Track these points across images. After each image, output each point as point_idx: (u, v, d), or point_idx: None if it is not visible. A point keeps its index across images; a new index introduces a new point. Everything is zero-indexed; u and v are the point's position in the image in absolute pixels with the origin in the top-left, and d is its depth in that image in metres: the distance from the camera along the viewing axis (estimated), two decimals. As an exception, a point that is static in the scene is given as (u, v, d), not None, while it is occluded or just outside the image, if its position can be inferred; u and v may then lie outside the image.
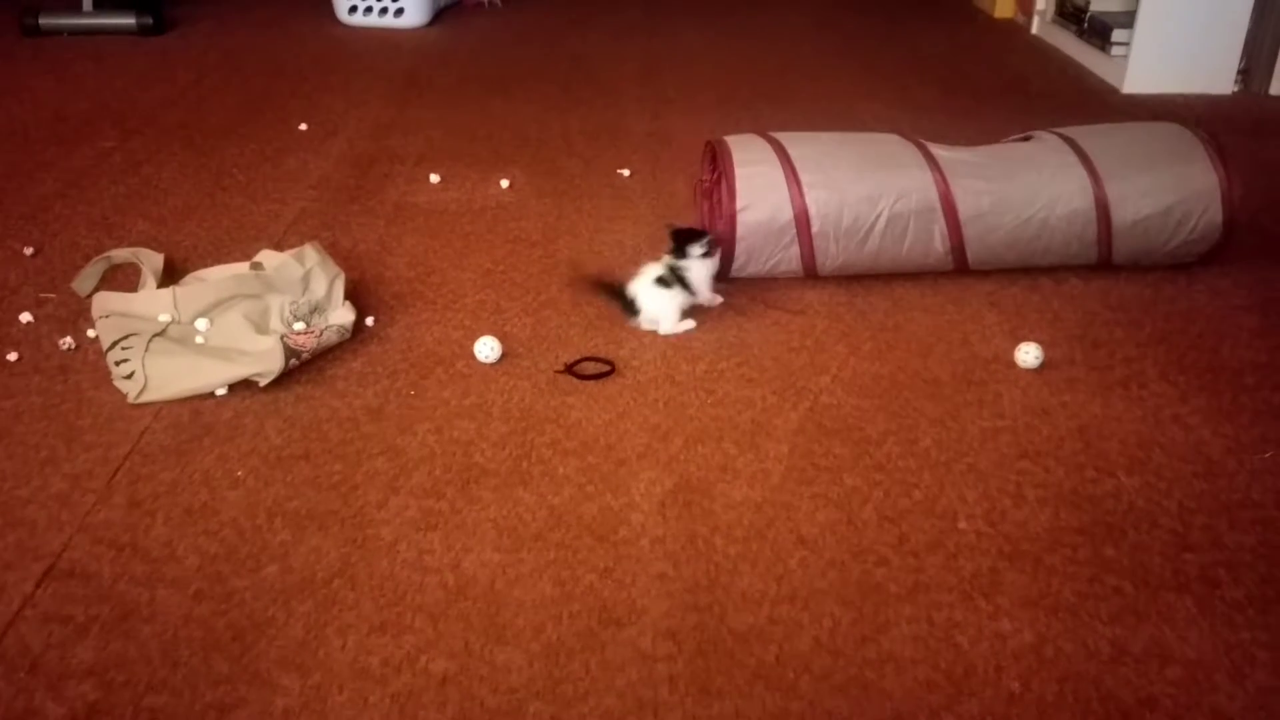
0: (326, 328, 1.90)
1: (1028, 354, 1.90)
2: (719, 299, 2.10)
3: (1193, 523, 1.52)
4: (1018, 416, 1.77)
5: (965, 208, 2.09)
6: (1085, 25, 3.82)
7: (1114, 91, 3.52)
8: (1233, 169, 2.14)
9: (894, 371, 1.90)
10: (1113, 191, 2.12)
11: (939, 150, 2.16)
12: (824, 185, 2.08)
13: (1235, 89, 3.53)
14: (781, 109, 3.31)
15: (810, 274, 2.16)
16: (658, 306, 2.01)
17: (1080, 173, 2.13)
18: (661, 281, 2.01)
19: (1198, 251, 2.20)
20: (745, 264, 2.13)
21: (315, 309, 1.95)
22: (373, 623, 1.35)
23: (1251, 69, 3.52)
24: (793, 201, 2.07)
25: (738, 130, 2.31)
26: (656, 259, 2.06)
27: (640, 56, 3.93)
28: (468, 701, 1.24)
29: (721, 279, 2.14)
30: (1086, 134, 2.25)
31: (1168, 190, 2.13)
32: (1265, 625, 1.34)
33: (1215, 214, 2.14)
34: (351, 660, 1.29)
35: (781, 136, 2.19)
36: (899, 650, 1.31)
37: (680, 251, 2.03)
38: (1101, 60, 3.69)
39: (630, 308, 2.03)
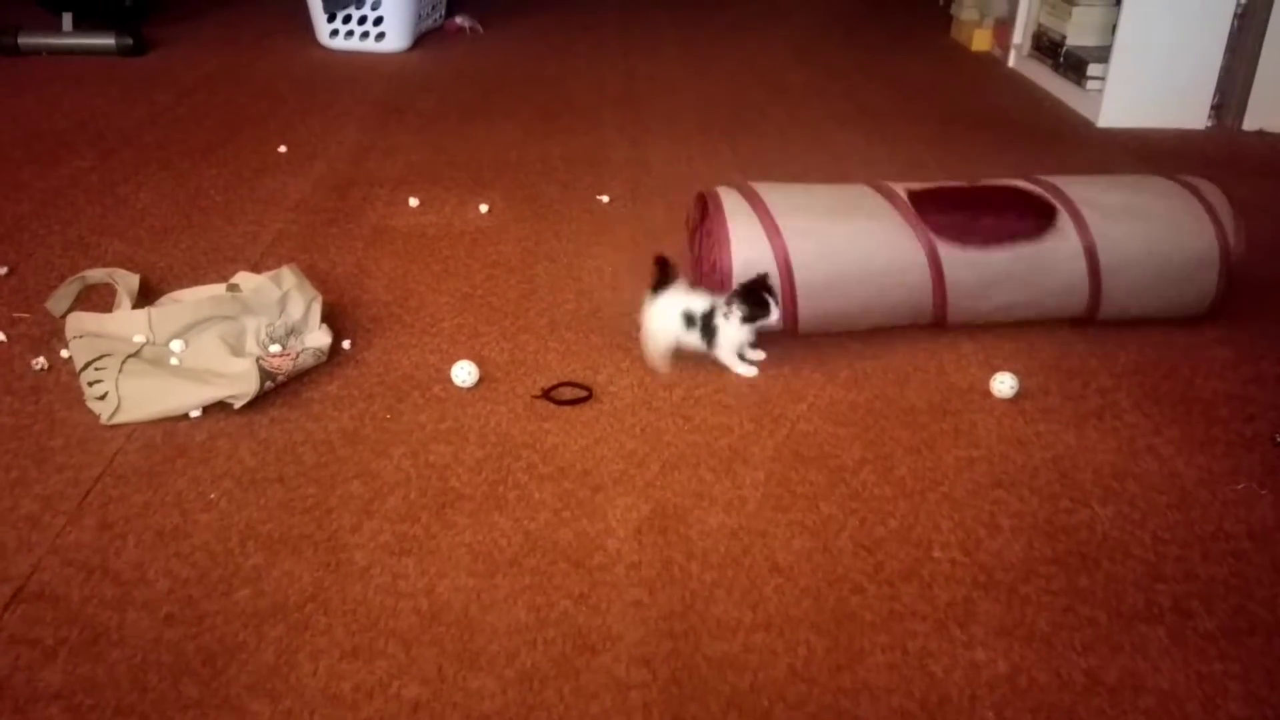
0: (303, 350, 1.89)
1: (1003, 384, 1.91)
2: (747, 370, 1.98)
3: (1166, 553, 1.53)
4: (993, 446, 1.78)
5: (959, 293, 2.03)
6: (1061, 59, 3.88)
7: (1089, 125, 3.57)
8: (1237, 230, 2.09)
9: (871, 400, 1.91)
10: (1106, 261, 2.04)
11: (952, 251, 2.01)
12: (819, 293, 2.00)
13: (1209, 123, 3.58)
14: (761, 138, 3.33)
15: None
16: (653, 330, 1.97)
17: (1079, 263, 2.04)
18: (687, 316, 1.94)
19: (1191, 314, 2.16)
20: None
21: (292, 331, 1.94)
22: (345, 648, 1.34)
23: (1225, 104, 3.58)
24: (784, 307, 1.96)
25: (715, 160, 2.32)
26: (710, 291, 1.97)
27: (621, 83, 3.95)
28: (440, 729, 1.23)
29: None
30: (1081, 193, 2.11)
31: (1168, 288, 2.08)
32: (1237, 657, 1.35)
33: (1210, 281, 2.09)
34: (323, 686, 1.28)
35: (769, 194, 2.06)
36: (873, 679, 1.31)
37: (741, 301, 1.90)
38: (1077, 94, 3.74)
39: (655, 290, 1.96)
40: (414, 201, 2.73)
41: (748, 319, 1.91)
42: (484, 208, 2.70)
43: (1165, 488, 1.67)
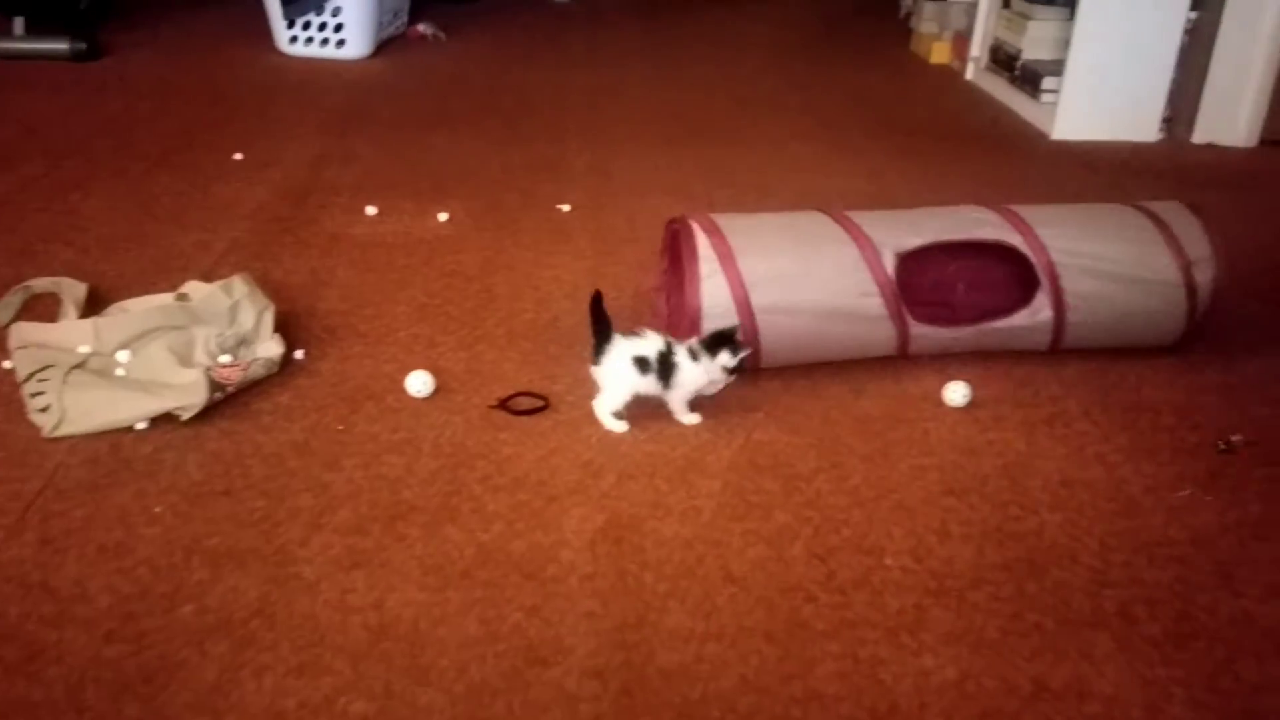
0: (253, 361, 1.87)
1: (956, 393, 1.93)
2: (692, 418, 1.86)
3: (1112, 560, 1.54)
4: (945, 454, 1.79)
5: (923, 339, 2.01)
6: (1017, 73, 3.92)
7: (1044, 137, 3.61)
8: (1207, 264, 2.04)
9: (827, 409, 1.92)
10: (1071, 303, 2.00)
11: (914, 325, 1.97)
12: (784, 352, 1.97)
13: (1160, 136, 3.64)
14: (722, 150, 3.34)
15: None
16: (611, 388, 1.84)
17: (1045, 322, 2.01)
18: (640, 361, 1.81)
19: (1155, 347, 2.13)
20: None
21: (242, 341, 1.92)
22: (290, 664, 1.32)
23: (1176, 117, 3.63)
24: (744, 317, 1.90)
25: (677, 171, 2.31)
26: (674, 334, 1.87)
27: (584, 92, 3.95)
28: (387, 744, 1.21)
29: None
30: (1045, 222, 2.05)
31: (1130, 339, 2.09)
32: (1181, 662, 1.36)
33: (1178, 320, 2.06)
34: (267, 703, 1.26)
35: (737, 247, 1.93)
36: (824, 687, 1.31)
37: (708, 349, 1.81)
38: (1032, 106, 3.78)
39: (598, 350, 1.84)
40: (372, 210, 2.71)
41: (737, 369, 1.82)
42: (443, 216, 2.69)
43: (1112, 494, 1.69)
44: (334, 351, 2.04)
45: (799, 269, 1.95)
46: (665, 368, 1.81)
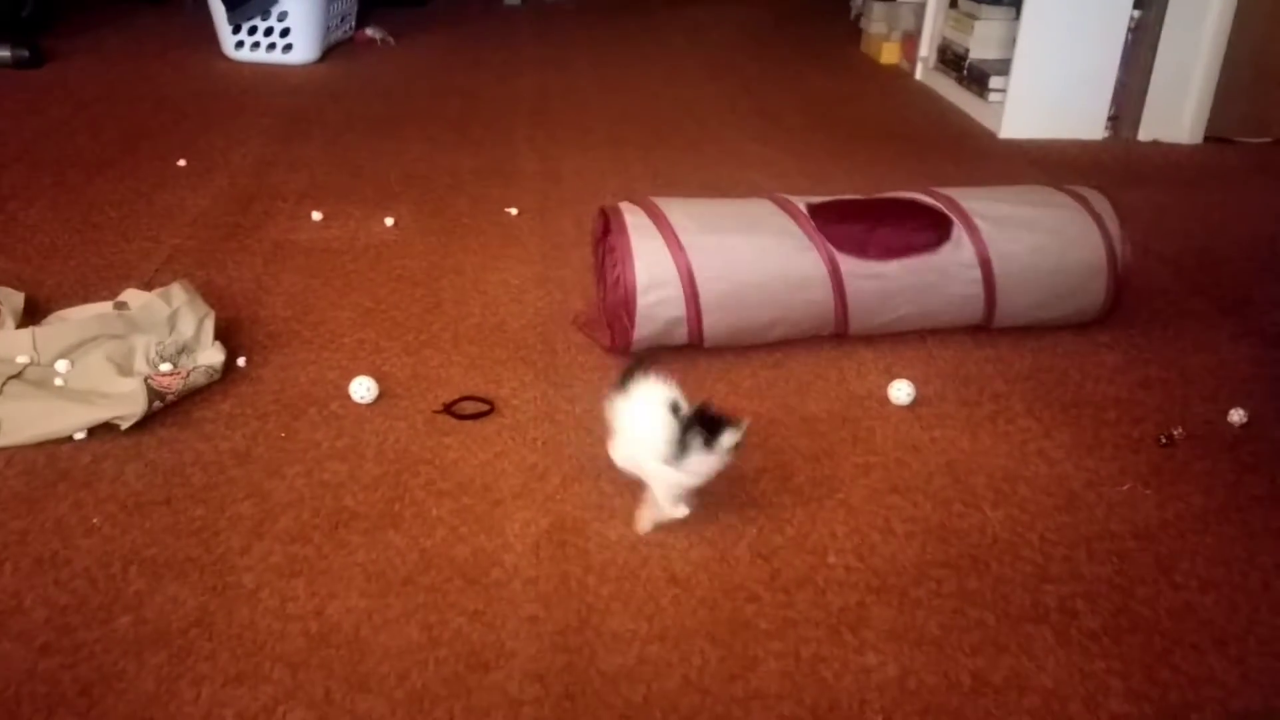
0: (194, 369, 1.84)
1: (900, 391, 1.94)
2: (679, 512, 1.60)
3: (1053, 554, 1.56)
4: (889, 452, 1.80)
5: (859, 310, 2.06)
6: (965, 72, 3.96)
7: (992, 136, 3.65)
8: (1120, 241, 2.14)
9: (772, 409, 1.92)
10: (1001, 274, 2.08)
11: (853, 266, 2.03)
12: (724, 307, 2.00)
13: (1106, 134, 3.69)
14: (672, 151, 3.35)
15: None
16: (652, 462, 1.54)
17: (975, 281, 2.08)
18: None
19: (1081, 322, 2.22)
20: (638, 345, 2.04)
21: (183, 349, 1.89)
22: (229, 673, 1.30)
23: (1121, 116, 3.69)
24: (689, 323, 1.99)
25: (626, 172, 2.31)
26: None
27: (533, 96, 3.94)
28: (325, 753, 1.20)
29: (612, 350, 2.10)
30: (979, 206, 2.14)
31: (1061, 297, 2.14)
32: (1119, 654, 1.38)
33: (1099, 292, 2.16)
34: (205, 713, 1.24)
35: (674, 215, 2.04)
36: (766, 686, 1.31)
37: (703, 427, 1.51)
38: (980, 106, 3.82)
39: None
40: (317, 215, 2.68)
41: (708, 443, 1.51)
42: (389, 221, 2.67)
43: (1054, 490, 1.71)
44: (277, 358, 2.01)
45: (724, 215, 2.13)
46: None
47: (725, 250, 2.03)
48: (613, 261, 2.06)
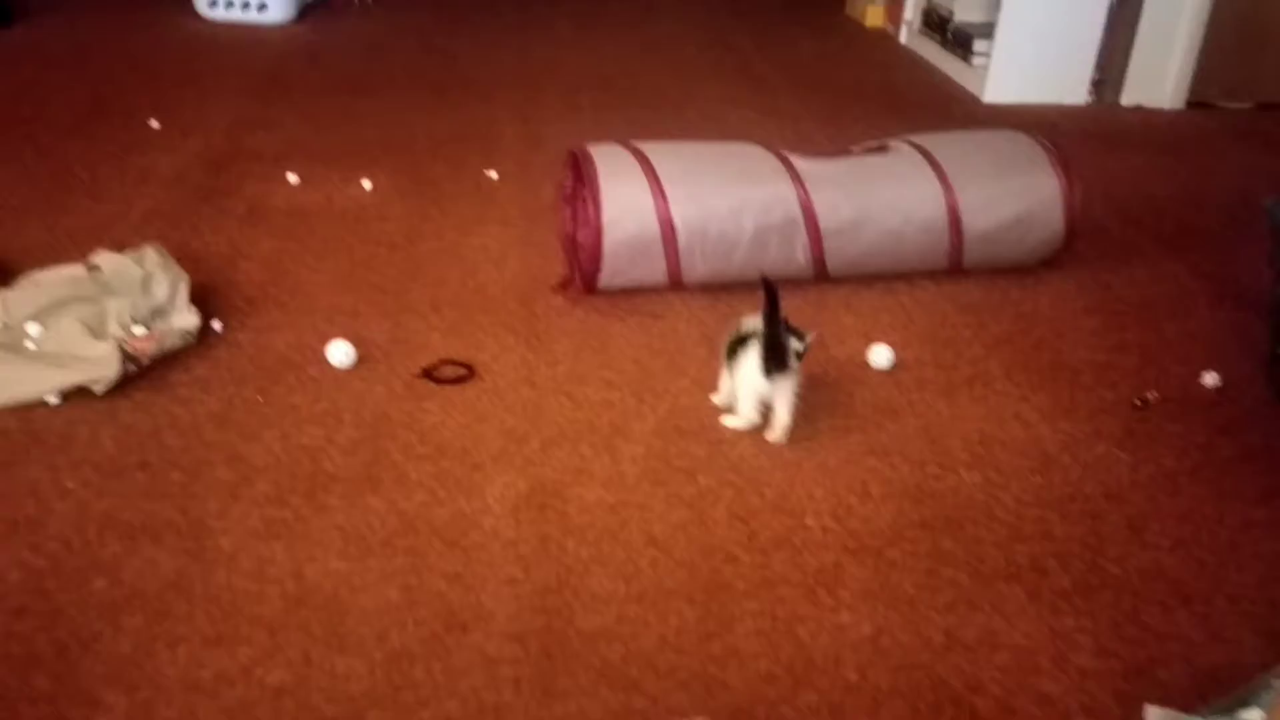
0: (169, 332, 1.83)
1: (880, 355, 1.95)
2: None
3: (1026, 515, 1.58)
4: (868, 416, 1.81)
5: (826, 220, 2.13)
6: (949, 36, 3.95)
7: (975, 100, 3.64)
8: (1075, 177, 2.24)
9: (751, 372, 1.92)
10: (964, 202, 2.19)
11: (800, 162, 2.19)
12: (689, 199, 2.09)
13: (1089, 99, 3.69)
14: (655, 114, 3.33)
15: (677, 284, 2.16)
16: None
17: (934, 183, 2.19)
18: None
19: (1041, 256, 2.29)
20: (612, 277, 2.11)
21: (157, 312, 1.88)
22: (206, 635, 1.30)
23: (1104, 80, 3.68)
24: (659, 218, 2.06)
25: (609, 136, 2.30)
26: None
27: (514, 59, 3.90)
28: (304, 712, 1.21)
29: (587, 290, 2.13)
30: (939, 143, 2.31)
31: (1015, 200, 2.21)
32: (1089, 612, 1.40)
33: (1058, 223, 2.23)
34: (182, 674, 1.25)
35: (645, 147, 2.18)
36: (742, 645, 1.32)
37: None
38: (964, 70, 3.81)
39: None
40: (294, 178, 2.66)
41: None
42: (367, 185, 2.65)
43: (1029, 452, 1.73)
44: (253, 322, 2.00)
45: (692, 151, 2.28)
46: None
47: (685, 156, 2.20)
48: (581, 207, 2.08)
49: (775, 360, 1.67)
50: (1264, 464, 1.72)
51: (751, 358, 1.69)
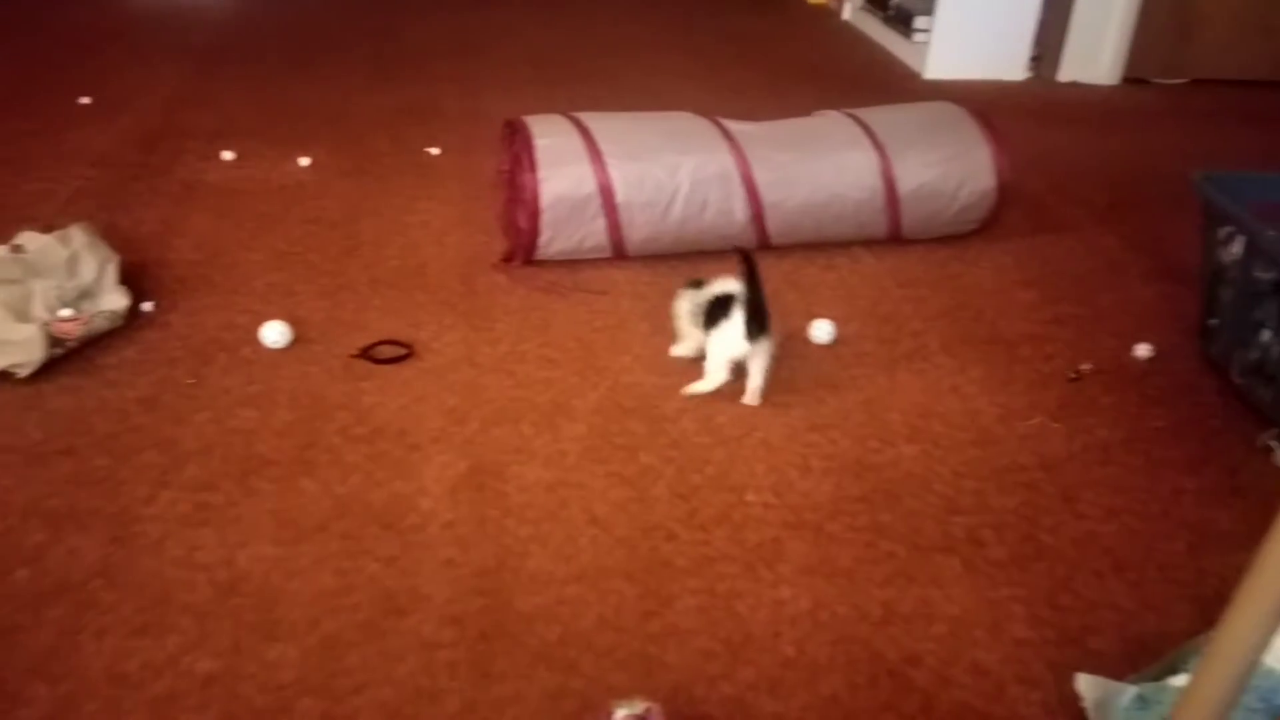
0: (96, 314, 1.79)
1: (821, 330, 1.95)
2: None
3: (964, 487, 1.59)
4: (810, 390, 1.82)
5: (762, 175, 2.16)
6: (890, 12, 3.95)
7: (916, 76, 3.65)
8: (1001, 140, 2.28)
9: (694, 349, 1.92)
10: (896, 160, 2.22)
11: (733, 125, 2.22)
12: (625, 155, 2.10)
13: (1028, 75, 3.72)
14: (597, 89, 3.30)
15: (618, 251, 2.16)
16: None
17: (866, 145, 2.23)
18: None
19: (976, 219, 2.31)
20: (552, 239, 2.11)
21: (84, 294, 1.83)
22: (133, 625, 1.27)
23: (1042, 56, 3.71)
24: (595, 171, 2.08)
25: (551, 109, 2.28)
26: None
27: (457, 34, 3.85)
28: (233, 701, 1.18)
29: (528, 260, 2.12)
30: (870, 111, 2.35)
31: (945, 159, 2.26)
32: (1023, 582, 1.41)
33: (988, 181, 2.26)
34: (107, 665, 1.22)
35: (581, 115, 2.19)
36: (682, 622, 1.32)
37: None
38: (905, 46, 3.82)
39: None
40: (229, 155, 2.60)
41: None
42: (305, 161, 2.60)
43: (967, 425, 1.74)
44: (185, 303, 1.96)
45: (626, 116, 2.32)
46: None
47: (621, 120, 2.24)
48: (519, 180, 2.07)
49: (759, 324, 1.71)
50: (1194, 434, 1.75)
51: (732, 321, 1.72)
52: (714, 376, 1.77)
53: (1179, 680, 1.19)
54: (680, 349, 1.88)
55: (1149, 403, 1.83)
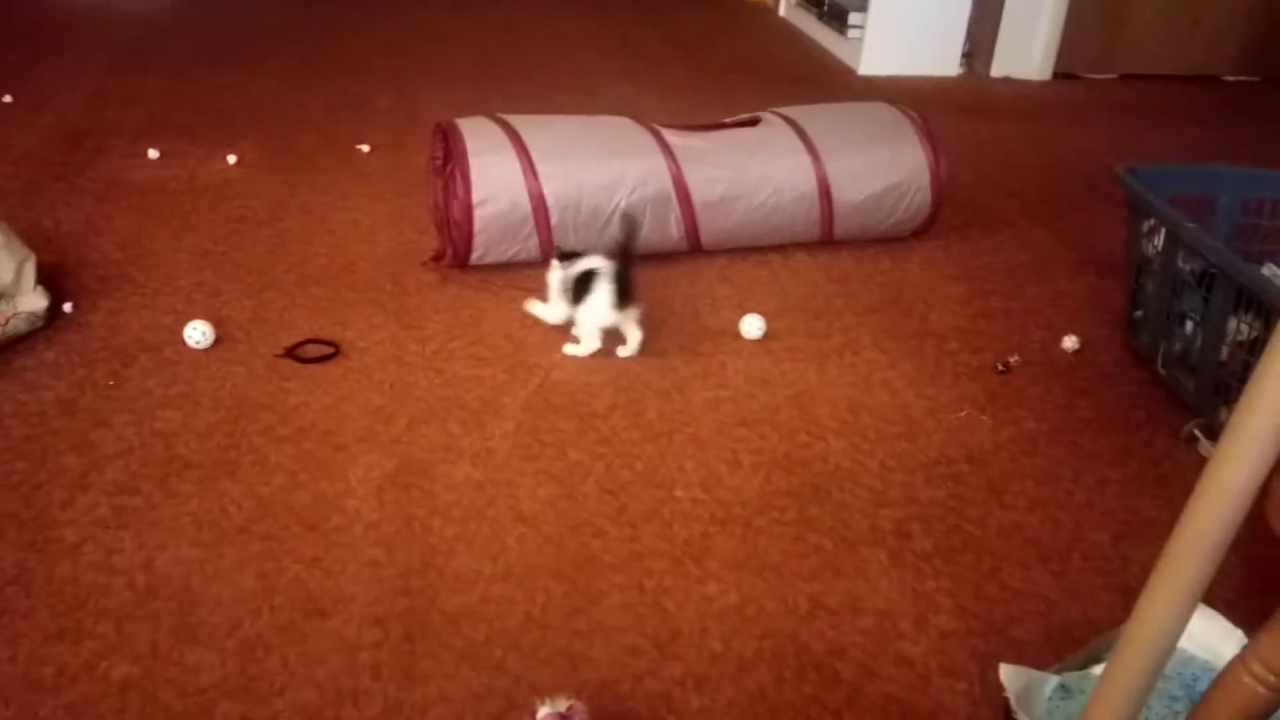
0: (14, 315, 1.74)
1: (751, 325, 1.96)
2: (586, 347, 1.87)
3: (892, 480, 1.60)
4: (740, 386, 1.82)
5: (699, 194, 2.13)
6: (825, 8, 3.98)
7: (851, 72, 3.69)
8: (940, 151, 2.28)
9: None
10: (834, 176, 2.21)
11: (672, 137, 2.18)
12: (561, 176, 2.06)
13: (960, 71, 3.77)
14: (533, 87, 3.29)
15: (549, 260, 2.13)
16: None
17: (805, 158, 2.20)
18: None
19: (911, 227, 2.33)
20: (484, 255, 2.08)
21: (1, 295, 1.78)
22: (48, 631, 1.24)
23: (974, 52, 3.77)
24: (530, 194, 2.03)
25: (486, 108, 2.26)
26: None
27: (390, 30, 3.81)
28: (150, 705, 1.16)
29: (459, 265, 2.10)
30: (809, 115, 2.32)
31: (884, 173, 2.24)
32: (950, 574, 1.43)
33: (925, 194, 2.27)
34: (22, 673, 1.19)
35: (515, 121, 2.14)
36: (609, 619, 1.32)
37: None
38: (840, 42, 3.85)
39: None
40: (154, 153, 2.55)
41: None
42: (232, 159, 2.56)
43: (895, 418, 1.75)
44: (107, 303, 1.92)
45: (564, 126, 2.24)
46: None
47: (557, 129, 2.18)
48: (452, 183, 2.04)
49: (625, 295, 1.83)
50: (1119, 424, 1.78)
51: (600, 294, 1.82)
52: (588, 343, 1.88)
53: (1101, 669, 1.21)
54: (542, 311, 1.93)
55: (1076, 394, 1.86)
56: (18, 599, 1.29)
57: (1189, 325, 1.80)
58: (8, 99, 2.83)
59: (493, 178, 2.03)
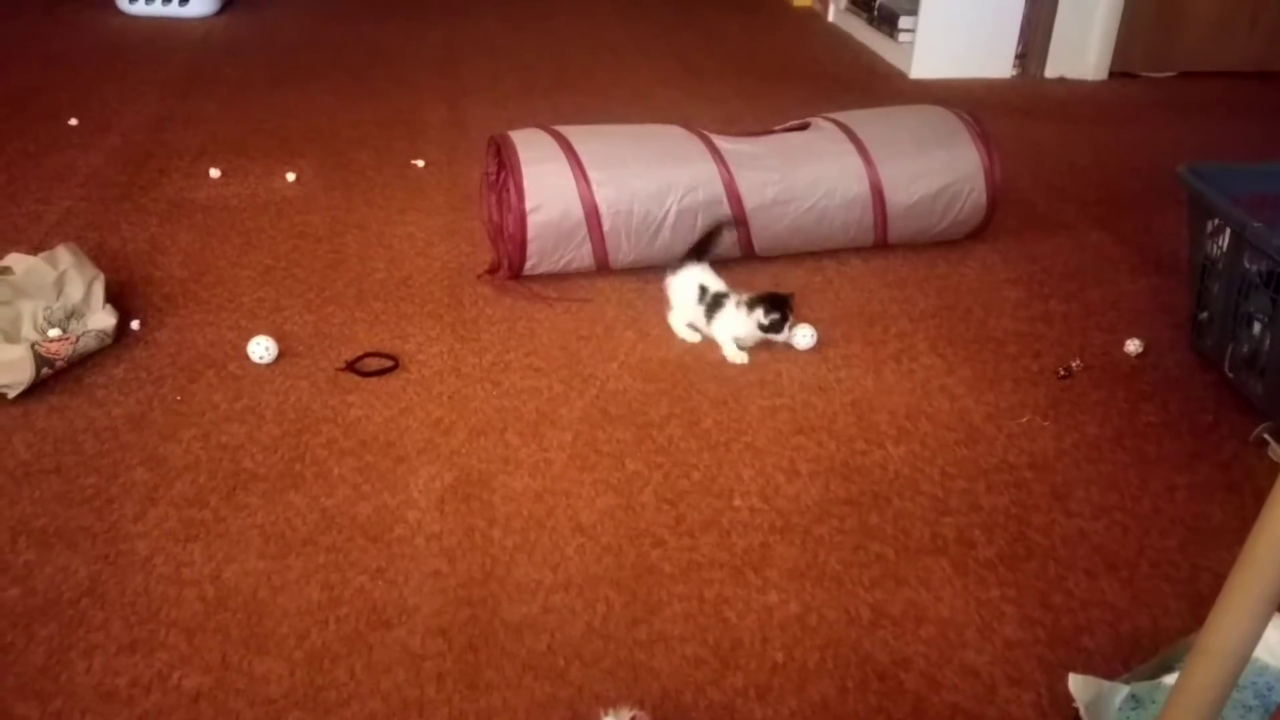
0: (84, 333, 1.79)
1: (803, 336, 1.94)
2: (736, 355, 1.92)
3: (952, 487, 1.59)
4: (795, 394, 1.81)
5: (750, 199, 2.13)
6: (875, 13, 3.96)
7: (903, 76, 3.66)
8: (995, 151, 2.25)
9: (680, 355, 1.92)
10: (886, 178, 2.19)
11: (722, 142, 2.18)
12: (613, 183, 2.07)
13: (1014, 72, 3.72)
14: (581, 98, 3.31)
15: (603, 268, 2.15)
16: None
17: (856, 160, 2.19)
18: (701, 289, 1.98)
19: (965, 230, 2.31)
20: (537, 264, 2.10)
21: (71, 314, 1.83)
22: (122, 642, 1.27)
23: (1028, 53, 3.72)
24: (583, 200, 2.05)
25: (536, 121, 2.28)
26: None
27: (440, 45, 3.85)
28: (222, 716, 1.18)
29: (514, 276, 2.12)
30: (861, 120, 2.31)
31: (937, 174, 2.23)
32: (1014, 582, 1.41)
33: (980, 195, 2.25)
34: (97, 683, 1.22)
35: (567, 131, 2.16)
36: (669, 629, 1.32)
37: (766, 308, 1.90)
38: (891, 46, 3.83)
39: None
40: (215, 172, 2.60)
41: (768, 328, 1.90)
42: (291, 176, 2.60)
43: (955, 425, 1.74)
44: (173, 320, 1.96)
45: (614, 134, 2.25)
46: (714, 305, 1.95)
47: (608, 138, 2.20)
48: (506, 194, 2.06)
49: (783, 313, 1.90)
50: (1186, 429, 1.75)
51: (727, 310, 1.93)
52: (730, 350, 1.93)
53: (1172, 679, 1.19)
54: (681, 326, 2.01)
55: (1140, 398, 1.83)
56: (92, 610, 1.32)
57: (1256, 326, 1.77)
58: (73, 121, 2.91)
59: (545, 185, 2.04)
